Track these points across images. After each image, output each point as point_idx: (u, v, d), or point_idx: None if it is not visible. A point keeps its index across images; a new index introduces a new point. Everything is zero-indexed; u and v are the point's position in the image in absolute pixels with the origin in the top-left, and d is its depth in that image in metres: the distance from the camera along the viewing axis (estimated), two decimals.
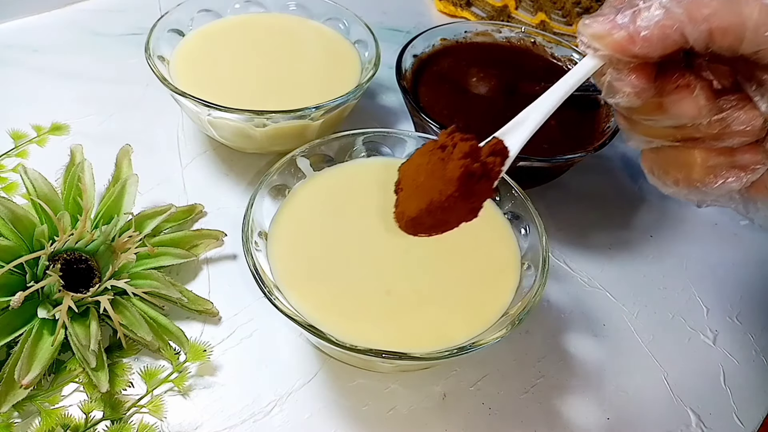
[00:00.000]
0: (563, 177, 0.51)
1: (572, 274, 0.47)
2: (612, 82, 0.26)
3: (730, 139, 0.27)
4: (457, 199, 0.26)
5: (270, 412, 0.37)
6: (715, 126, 0.26)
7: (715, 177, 0.28)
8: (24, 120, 0.51)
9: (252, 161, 0.52)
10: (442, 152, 0.27)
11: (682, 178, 0.29)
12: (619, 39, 0.25)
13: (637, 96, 0.26)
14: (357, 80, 0.50)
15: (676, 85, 0.26)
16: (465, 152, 0.26)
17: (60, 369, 0.37)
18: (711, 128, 0.26)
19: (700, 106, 0.26)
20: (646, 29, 0.24)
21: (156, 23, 0.49)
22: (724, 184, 0.28)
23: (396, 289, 0.37)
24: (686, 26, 0.24)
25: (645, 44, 0.24)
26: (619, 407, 0.40)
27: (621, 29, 0.25)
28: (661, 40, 0.24)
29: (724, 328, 0.45)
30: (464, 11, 0.74)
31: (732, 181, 0.27)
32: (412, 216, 0.28)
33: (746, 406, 0.41)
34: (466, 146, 0.27)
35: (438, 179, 0.27)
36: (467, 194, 0.27)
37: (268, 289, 0.34)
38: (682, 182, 0.29)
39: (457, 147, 0.27)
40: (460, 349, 0.33)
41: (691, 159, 0.28)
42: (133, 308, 0.38)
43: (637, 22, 0.24)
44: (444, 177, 0.26)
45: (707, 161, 0.28)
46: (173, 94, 0.45)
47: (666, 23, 0.24)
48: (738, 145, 0.27)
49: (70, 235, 0.38)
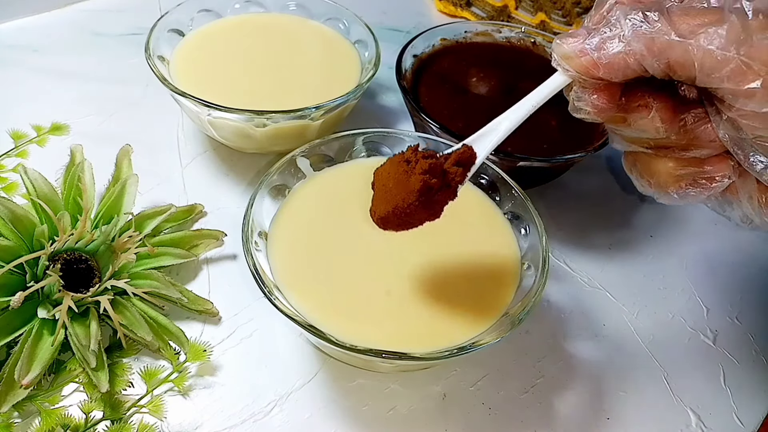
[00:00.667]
0: (563, 177, 0.51)
1: (572, 274, 0.47)
2: (574, 100, 0.28)
3: (698, 150, 0.28)
4: (417, 207, 0.30)
5: (270, 412, 0.37)
6: (683, 137, 0.28)
7: (684, 185, 0.29)
8: (24, 120, 0.51)
9: (252, 161, 0.52)
10: (406, 166, 0.31)
11: (653, 183, 0.30)
12: (584, 63, 0.27)
13: (596, 115, 0.28)
14: (357, 80, 0.50)
15: (637, 104, 0.28)
16: (425, 169, 0.30)
17: (60, 369, 0.37)
18: (680, 139, 0.28)
19: (657, 127, 0.28)
20: (608, 58, 0.26)
21: (156, 23, 0.49)
22: (691, 193, 0.29)
23: (396, 289, 0.37)
24: (645, 59, 0.25)
25: (607, 71, 0.26)
26: (619, 407, 0.40)
27: (587, 54, 0.26)
28: (622, 69, 0.26)
29: (724, 328, 0.45)
30: (464, 11, 0.74)
31: (699, 191, 0.29)
32: (381, 215, 0.32)
33: (746, 406, 0.41)
34: (426, 164, 0.30)
35: (402, 189, 0.31)
36: (427, 203, 0.31)
37: (268, 289, 0.34)
38: (653, 186, 0.30)
39: (419, 163, 0.30)
40: (460, 349, 0.33)
41: (662, 166, 0.29)
42: (133, 308, 0.38)
43: (601, 50, 0.26)
44: (407, 188, 0.30)
45: (676, 170, 0.29)
46: (173, 94, 0.45)
47: (627, 55, 0.26)
48: (706, 156, 0.28)
49: (70, 235, 0.38)
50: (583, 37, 0.27)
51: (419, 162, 0.31)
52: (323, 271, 0.38)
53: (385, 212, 0.31)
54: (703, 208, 0.54)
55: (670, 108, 0.28)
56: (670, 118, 0.28)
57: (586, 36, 0.27)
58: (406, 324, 0.36)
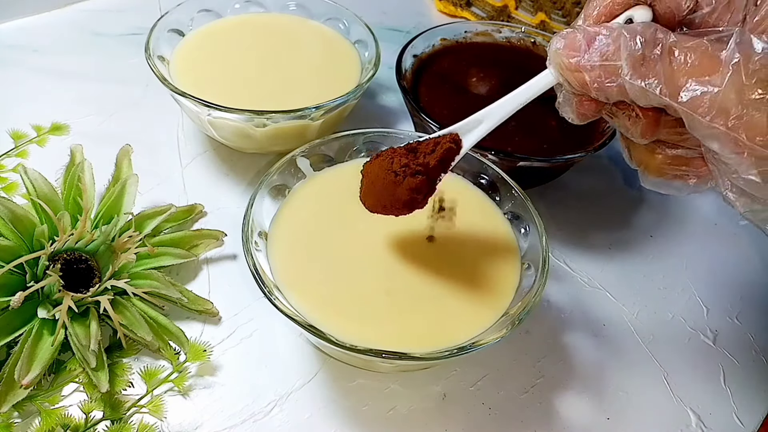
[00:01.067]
0: (563, 177, 0.51)
1: (572, 274, 0.47)
2: (561, 101, 0.30)
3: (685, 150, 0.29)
4: (401, 210, 0.34)
5: (270, 412, 0.37)
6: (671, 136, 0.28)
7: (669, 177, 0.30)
8: (24, 120, 0.51)
9: (252, 161, 0.52)
10: (394, 177, 0.33)
11: (641, 170, 0.31)
12: (578, 79, 0.27)
13: (578, 120, 0.29)
14: (357, 80, 0.50)
15: (623, 113, 0.28)
16: (412, 188, 0.33)
17: (60, 369, 0.37)
18: (668, 136, 0.28)
19: (641, 133, 0.28)
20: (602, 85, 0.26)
21: (156, 23, 0.49)
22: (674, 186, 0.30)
23: (396, 289, 0.37)
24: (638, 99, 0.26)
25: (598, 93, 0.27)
26: (619, 407, 0.40)
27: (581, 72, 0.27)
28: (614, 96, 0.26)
29: (724, 328, 0.45)
30: (464, 11, 0.74)
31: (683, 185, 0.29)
32: (368, 207, 0.35)
33: (746, 406, 0.41)
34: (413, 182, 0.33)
35: (389, 195, 0.33)
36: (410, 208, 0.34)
37: (268, 289, 0.34)
38: (641, 172, 0.31)
39: (407, 180, 0.33)
40: (460, 349, 0.33)
41: (650, 157, 0.30)
42: (133, 308, 0.38)
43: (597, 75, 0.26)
44: (394, 196, 0.33)
45: (664, 162, 0.29)
46: (173, 94, 0.45)
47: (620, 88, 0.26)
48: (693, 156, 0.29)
49: (70, 235, 0.38)
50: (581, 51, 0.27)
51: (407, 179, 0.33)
52: (323, 271, 0.38)
53: (372, 206, 0.35)
54: (703, 208, 0.54)
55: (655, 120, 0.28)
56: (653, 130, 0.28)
57: (585, 49, 0.26)
58: (406, 324, 0.36)
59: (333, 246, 0.39)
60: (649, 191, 0.54)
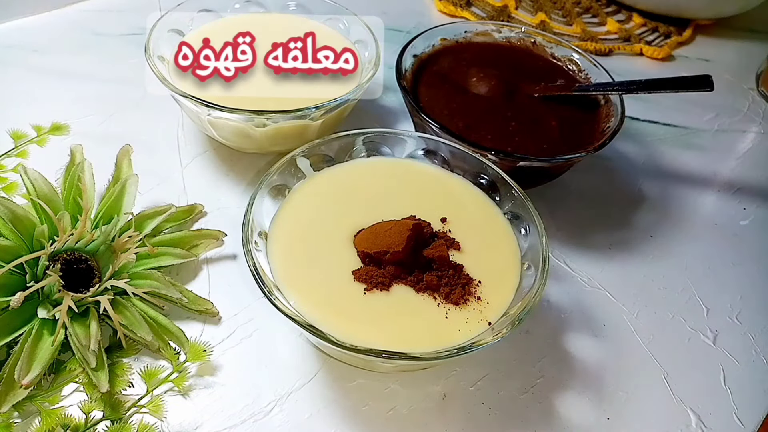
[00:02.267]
0: (563, 177, 0.51)
1: (572, 274, 0.47)
2: None
3: None
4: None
5: (270, 412, 0.37)
6: None
7: None
8: (24, 120, 0.51)
9: (252, 161, 0.52)
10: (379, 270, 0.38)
11: None
12: None
13: None
14: (357, 80, 0.50)
15: None
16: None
17: (60, 369, 0.37)
18: None
19: None
20: None
21: (156, 23, 0.49)
22: None
23: (396, 289, 0.37)
24: None
25: None
26: (619, 407, 0.40)
27: None
28: None
29: (724, 328, 0.45)
30: (464, 11, 0.74)
31: None
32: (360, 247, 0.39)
33: (746, 406, 0.41)
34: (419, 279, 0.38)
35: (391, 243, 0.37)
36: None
37: (268, 289, 0.34)
38: None
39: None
40: (460, 349, 0.33)
41: None
42: (133, 308, 0.38)
43: None
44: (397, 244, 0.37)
45: None
46: (173, 94, 0.45)
47: None
48: None
49: (70, 235, 0.38)
50: None
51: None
52: (323, 271, 0.38)
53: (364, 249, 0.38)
54: (703, 208, 0.54)
55: None
56: None
57: None
58: (406, 324, 0.36)
59: (333, 246, 0.39)
60: (648, 191, 0.54)
